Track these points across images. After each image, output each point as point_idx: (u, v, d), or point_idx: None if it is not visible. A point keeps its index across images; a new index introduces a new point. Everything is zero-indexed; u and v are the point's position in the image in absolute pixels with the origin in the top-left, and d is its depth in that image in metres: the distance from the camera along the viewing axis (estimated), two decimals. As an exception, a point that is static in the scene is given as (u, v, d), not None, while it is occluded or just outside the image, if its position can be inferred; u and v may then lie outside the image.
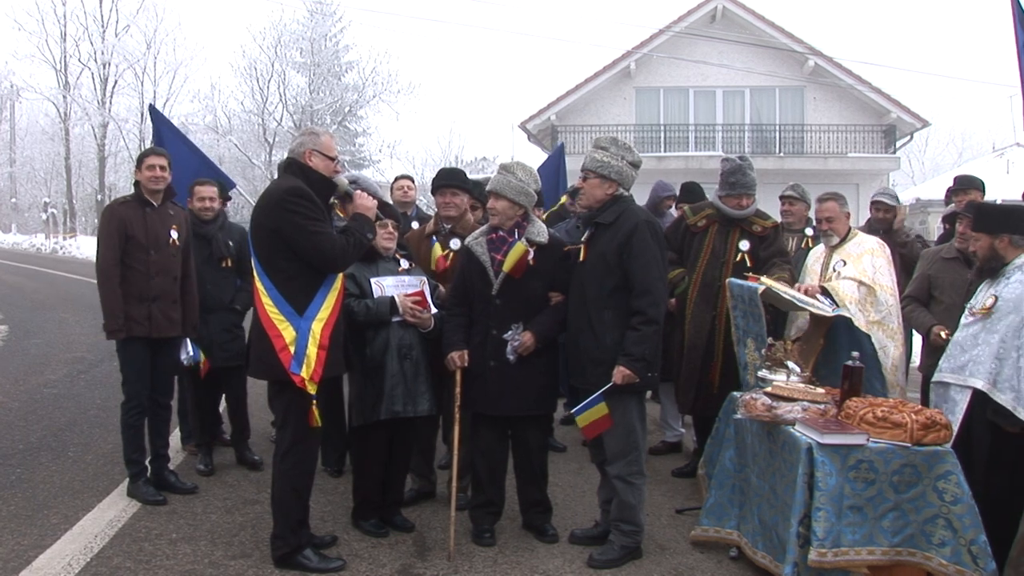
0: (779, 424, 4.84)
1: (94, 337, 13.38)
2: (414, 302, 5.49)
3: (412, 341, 5.53)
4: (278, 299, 4.89)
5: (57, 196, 55.31)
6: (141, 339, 6.10)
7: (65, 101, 48.34)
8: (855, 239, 6.39)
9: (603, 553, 5.23)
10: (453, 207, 6.18)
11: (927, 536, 4.49)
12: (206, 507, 6.05)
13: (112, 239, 6.04)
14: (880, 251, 6.31)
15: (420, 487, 6.28)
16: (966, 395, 4.92)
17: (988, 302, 4.93)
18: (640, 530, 5.32)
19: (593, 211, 5.35)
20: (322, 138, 5.10)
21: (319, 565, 4.99)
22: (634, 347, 5.04)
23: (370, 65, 41.63)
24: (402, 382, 5.46)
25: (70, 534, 5.50)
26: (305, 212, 4.85)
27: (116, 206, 6.20)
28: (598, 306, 5.18)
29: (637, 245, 5.11)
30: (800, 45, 28.89)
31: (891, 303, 6.13)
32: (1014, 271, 4.92)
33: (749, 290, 5.58)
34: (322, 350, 4.89)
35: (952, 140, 61.85)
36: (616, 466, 5.25)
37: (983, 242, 5.03)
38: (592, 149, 5.37)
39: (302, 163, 5.02)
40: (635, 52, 29.39)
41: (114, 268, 6.02)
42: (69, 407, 9.03)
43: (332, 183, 5.14)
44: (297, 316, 4.87)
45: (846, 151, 28.67)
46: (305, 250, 4.86)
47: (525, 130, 30.58)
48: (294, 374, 4.84)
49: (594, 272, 5.21)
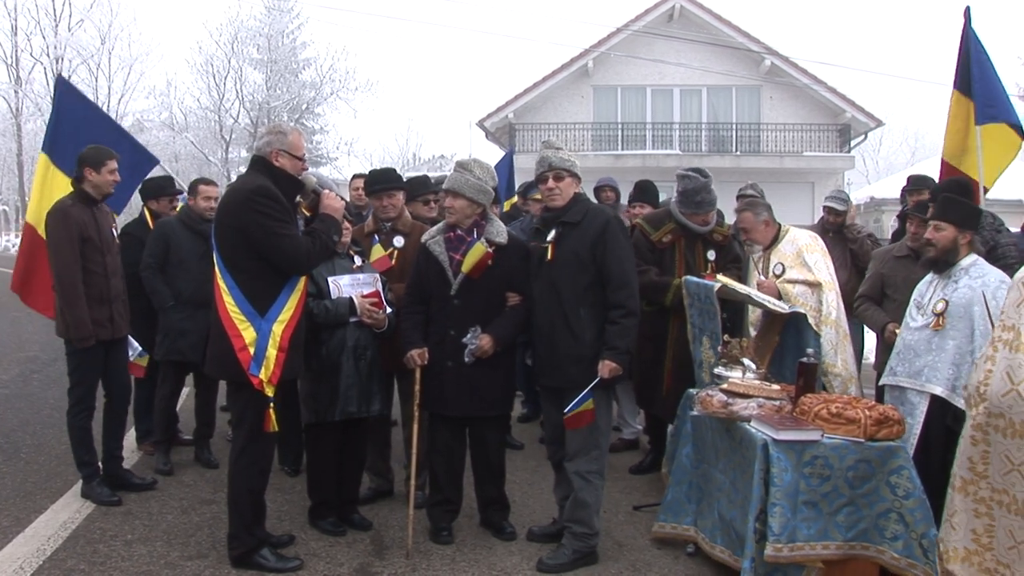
0: (735, 420, 4.88)
1: (47, 336, 13.18)
2: (371, 303, 5.48)
3: (367, 342, 5.52)
4: (240, 299, 4.83)
5: (9, 193, 54.43)
6: (100, 342, 6.02)
7: (17, 96, 47.55)
8: (786, 238, 6.39)
9: (553, 557, 5.18)
10: (392, 207, 6.13)
11: (880, 530, 4.56)
12: (162, 507, 5.99)
13: (73, 244, 5.86)
14: (813, 244, 6.35)
15: (378, 486, 6.26)
16: (924, 400, 5.03)
17: (939, 307, 5.00)
18: (594, 534, 5.26)
19: (557, 211, 5.35)
20: (290, 137, 5.01)
21: (276, 565, 4.97)
22: (618, 340, 5.08)
23: (328, 62, 41.41)
24: (357, 382, 5.45)
25: (22, 536, 5.43)
26: (271, 213, 4.79)
27: (68, 208, 5.95)
28: (573, 304, 5.18)
29: (611, 240, 5.16)
30: (757, 45, 29.11)
31: (834, 298, 6.13)
32: (961, 274, 5.00)
33: (705, 288, 5.61)
34: (281, 352, 4.85)
35: (905, 139, 62.57)
36: (576, 462, 5.24)
37: (947, 233, 5.03)
38: (552, 150, 5.36)
39: (269, 162, 4.96)
40: (593, 51, 29.45)
41: (77, 275, 5.87)
42: (22, 407, 8.92)
43: (299, 183, 5.08)
44: (258, 317, 4.83)
45: (802, 150, 28.92)
46: (270, 252, 4.81)
47: (483, 128, 30.55)
48: (252, 376, 4.80)
49: (567, 270, 5.21)
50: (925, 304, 5.15)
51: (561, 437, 5.37)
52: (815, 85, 29.25)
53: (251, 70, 40.99)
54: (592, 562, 5.23)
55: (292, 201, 5.07)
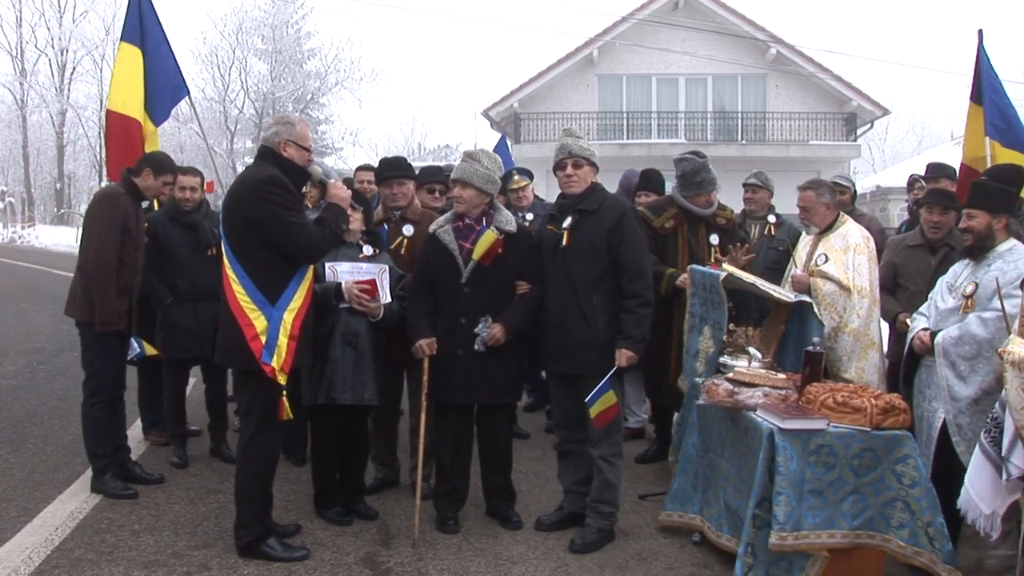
0: (741, 410, 4.89)
1: (53, 327, 13.24)
2: (361, 290, 5.46)
3: (359, 329, 5.50)
4: (250, 288, 4.85)
5: (15, 185, 54.51)
6: (119, 333, 6.05)
7: (22, 88, 47.65)
8: (841, 229, 6.23)
9: (583, 537, 5.29)
10: (400, 196, 6.14)
11: (886, 519, 4.56)
12: (169, 497, 6.01)
13: (116, 230, 5.94)
14: (863, 247, 6.10)
15: (384, 476, 6.27)
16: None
17: (969, 289, 4.95)
18: (616, 511, 5.41)
19: (574, 198, 5.37)
20: (297, 128, 5.03)
21: (283, 554, 4.98)
22: (634, 329, 5.14)
23: (332, 52, 41.52)
24: (342, 368, 5.43)
25: (30, 527, 5.44)
26: (282, 202, 4.81)
27: (119, 197, 6.05)
28: (587, 291, 5.22)
29: (628, 230, 5.22)
30: (762, 33, 29.02)
31: (864, 306, 5.93)
32: (996, 259, 4.90)
33: (711, 276, 5.61)
34: (292, 340, 4.86)
35: (912, 128, 62.45)
36: (600, 447, 5.31)
37: (981, 219, 4.94)
38: (572, 138, 5.41)
39: (277, 152, 4.98)
40: (598, 39, 29.38)
41: (114, 260, 5.92)
42: (29, 398, 8.94)
43: (306, 173, 5.11)
44: (269, 305, 4.84)
45: (807, 139, 28.85)
46: (280, 240, 4.83)
47: (488, 117, 30.49)
48: (265, 364, 4.81)
49: (582, 258, 5.25)
50: (957, 286, 5.10)
51: (570, 423, 5.44)
52: (821, 73, 29.17)
53: (256, 60, 41.10)
54: (612, 538, 5.36)
55: (300, 191, 5.08)
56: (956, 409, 4.81)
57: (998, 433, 3.90)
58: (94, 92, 45.65)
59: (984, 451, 3.98)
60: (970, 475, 4.07)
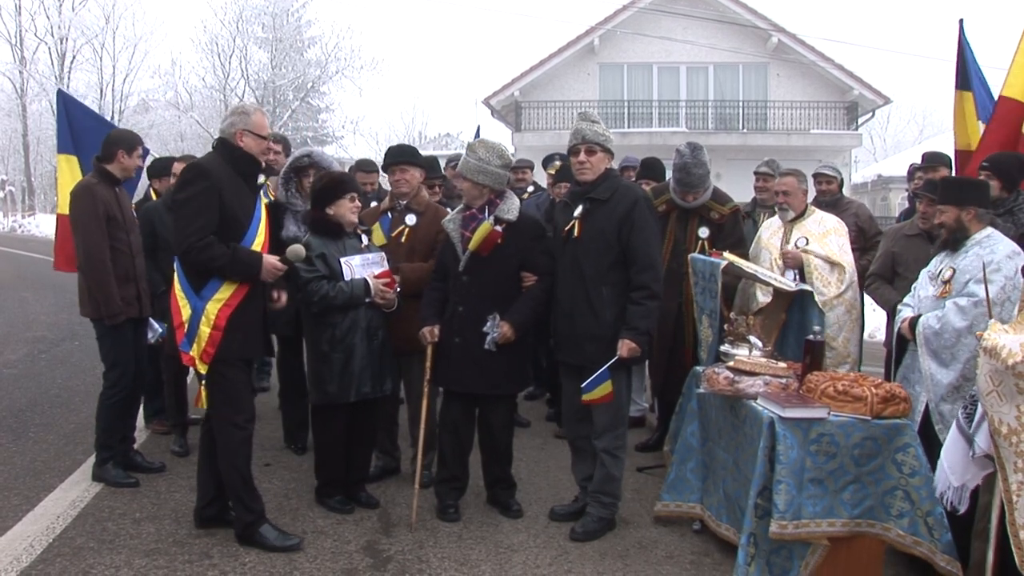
0: (741, 398, 4.89)
1: (54, 316, 13.27)
2: (383, 283, 5.49)
3: (379, 322, 5.54)
4: (181, 277, 4.90)
5: (15, 174, 54.47)
6: (130, 320, 6.06)
7: (21, 76, 47.53)
8: (813, 216, 6.47)
9: (583, 525, 5.30)
10: (405, 183, 6.09)
11: (886, 508, 4.56)
12: (170, 486, 6.02)
13: (99, 221, 5.92)
14: (840, 229, 6.41)
15: (385, 464, 6.27)
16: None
17: (946, 275, 5.00)
18: (617, 501, 5.41)
19: (586, 186, 5.32)
20: (253, 117, 4.99)
21: (276, 542, 4.97)
22: (640, 321, 5.08)
23: (333, 40, 41.54)
24: (370, 363, 5.46)
25: (32, 515, 5.45)
26: (180, 184, 4.89)
27: (93, 187, 6.02)
28: (596, 283, 5.18)
29: (639, 220, 5.14)
30: (764, 21, 28.98)
31: (854, 280, 6.26)
32: (973, 246, 4.98)
33: (711, 265, 5.60)
34: (216, 331, 4.83)
35: (913, 117, 62.45)
36: (604, 439, 5.30)
37: (950, 214, 5.04)
38: (587, 123, 5.33)
39: (232, 143, 4.96)
40: (599, 28, 29.36)
41: (105, 251, 5.93)
42: (30, 387, 8.94)
43: (258, 162, 5.09)
44: (194, 295, 4.87)
45: (809, 128, 28.82)
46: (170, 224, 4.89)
47: (489, 106, 30.45)
48: (183, 352, 4.86)
49: (592, 248, 5.20)
50: (936, 275, 5.15)
51: (580, 414, 5.40)
52: (822, 62, 29.13)
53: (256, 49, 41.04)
54: (612, 527, 5.37)
55: (252, 181, 5.06)
56: (938, 396, 4.87)
57: (973, 410, 3.93)
58: (94, 81, 45.67)
59: (959, 426, 4.01)
60: (945, 448, 4.10)
